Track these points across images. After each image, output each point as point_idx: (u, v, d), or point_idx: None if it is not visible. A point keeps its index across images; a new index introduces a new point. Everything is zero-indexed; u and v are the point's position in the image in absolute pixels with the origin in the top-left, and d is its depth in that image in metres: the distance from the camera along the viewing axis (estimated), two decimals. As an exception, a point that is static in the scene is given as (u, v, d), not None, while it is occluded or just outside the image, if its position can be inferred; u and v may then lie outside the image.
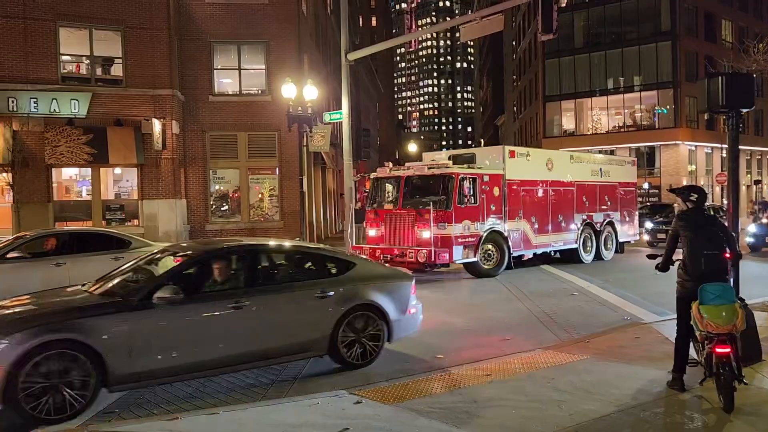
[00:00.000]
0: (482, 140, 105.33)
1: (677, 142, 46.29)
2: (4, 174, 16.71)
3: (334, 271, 7.23)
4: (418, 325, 7.70)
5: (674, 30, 45.92)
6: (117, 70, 20.73)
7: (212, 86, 22.56)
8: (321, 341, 6.69)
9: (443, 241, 14.08)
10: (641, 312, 10.10)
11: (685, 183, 45.25)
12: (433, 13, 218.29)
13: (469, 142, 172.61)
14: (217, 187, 22.90)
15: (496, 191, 15.33)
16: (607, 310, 10.39)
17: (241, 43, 22.69)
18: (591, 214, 18.45)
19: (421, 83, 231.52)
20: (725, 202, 42.18)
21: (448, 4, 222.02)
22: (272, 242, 8.26)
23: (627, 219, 20.17)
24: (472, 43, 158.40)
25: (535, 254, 17.25)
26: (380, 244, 15.07)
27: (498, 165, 15.69)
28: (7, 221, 19.30)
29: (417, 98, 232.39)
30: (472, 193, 14.53)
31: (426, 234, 14.03)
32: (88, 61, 20.51)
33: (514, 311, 10.52)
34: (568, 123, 52.46)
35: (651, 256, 6.53)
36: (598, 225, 18.69)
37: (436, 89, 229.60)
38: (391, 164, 16.18)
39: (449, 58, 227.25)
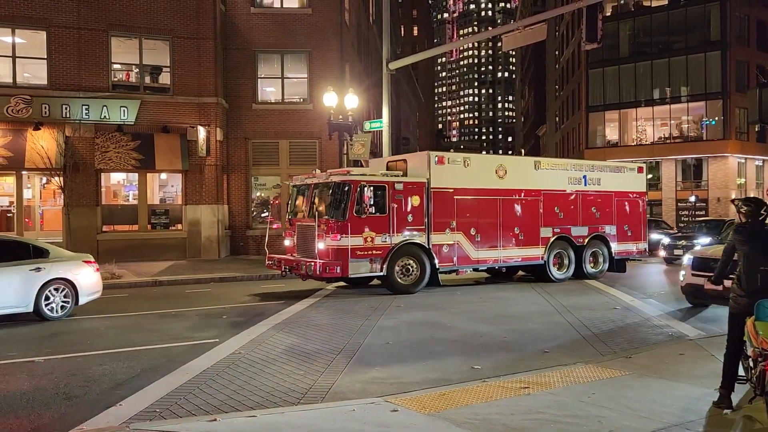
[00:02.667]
0: (522, 150, 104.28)
1: (726, 154, 44.97)
2: (57, 178, 17.36)
3: None
4: None
5: (724, 39, 44.73)
6: (164, 78, 21.34)
7: (255, 94, 23.01)
8: None
9: (337, 253, 13.07)
10: (686, 328, 9.81)
11: (734, 196, 43.88)
12: (475, 23, 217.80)
13: (510, 152, 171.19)
14: (258, 193, 23.30)
15: (415, 201, 14.05)
16: (650, 325, 10.12)
17: (284, 52, 23.10)
18: (567, 226, 16.50)
19: (461, 93, 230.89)
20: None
21: (490, 13, 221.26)
22: None
23: (629, 233, 17.76)
24: (514, 53, 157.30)
25: (476, 269, 15.84)
26: (293, 254, 14.34)
27: (422, 172, 14.47)
28: (58, 223, 20.02)
29: (457, 107, 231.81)
30: (374, 202, 13.39)
31: (320, 245, 13.21)
32: (137, 70, 21.17)
33: (554, 324, 10.34)
34: (611, 134, 51.53)
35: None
36: (579, 239, 16.63)
37: (476, 99, 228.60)
38: (318, 171, 15.15)
39: (490, 67, 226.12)
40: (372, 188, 13.46)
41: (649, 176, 49.52)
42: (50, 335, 9.43)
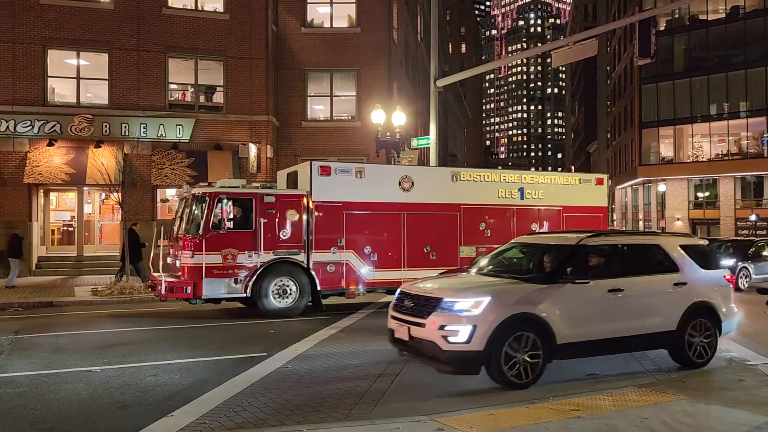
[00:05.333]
0: (572, 167, 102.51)
1: (789, 171, 43.15)
2: (115, 193, 18.03)
3: None
4: None
5: (786, 52, 43.13)
6: (218, 97, 21.99)
7: (305, 112, 23.44)
8: None
9: (190, 271, 12.10)
10: (746, 352, 9.40)
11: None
12: (524, 39, 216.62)
13: (559, 169, 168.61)
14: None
15: (292, 215, 12.81)
16: (707, 349, 9.73)
17: (333, 70, 23.49)
18: (496, 246, 14.87)
19: (510, 109, 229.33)
20: None
21: (539, 29, 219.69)
22: None
23: None
24: (563, 69, 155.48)
25: (371, 292, 14.00)
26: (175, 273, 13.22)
27: (304, 184, 13.39)
28: (116, 237, 20.75)
29: (505, 124, 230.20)
30: (235, 216, 12.25)
31: (177, 263, 12.50)
32: (192, 90, 21.89)
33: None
34: (666, 150, 50.16)
35: (762, 291, 6.13)
36: None
37: (525, 115, 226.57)
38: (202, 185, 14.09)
39: (539, 83, 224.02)
40: (232, 201, 12.30)
41: (706, 194, 48.09)
42: (106, 346, 9.75)
